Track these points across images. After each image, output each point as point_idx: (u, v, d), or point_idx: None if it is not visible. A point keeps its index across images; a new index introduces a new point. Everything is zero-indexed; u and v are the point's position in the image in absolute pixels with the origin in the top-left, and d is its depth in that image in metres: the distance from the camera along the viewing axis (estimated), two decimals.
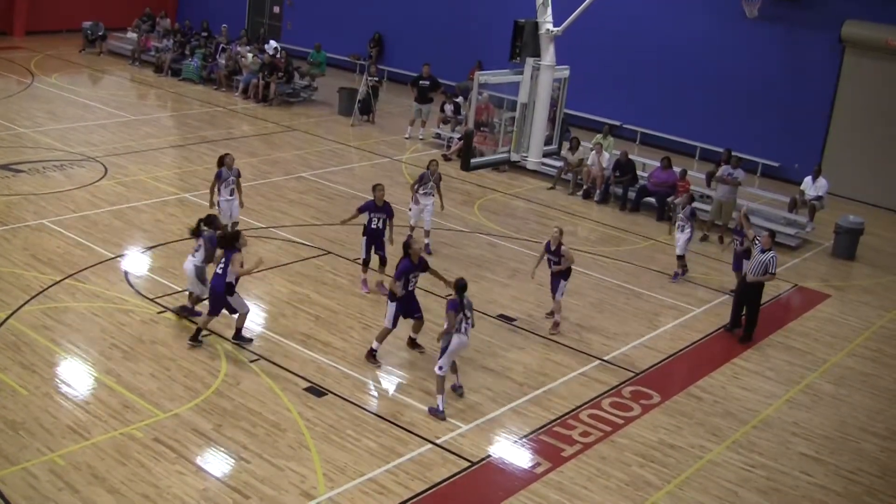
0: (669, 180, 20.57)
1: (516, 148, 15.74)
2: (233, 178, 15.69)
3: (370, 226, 14.86)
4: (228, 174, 15.61)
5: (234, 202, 15.83)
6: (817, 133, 24.24)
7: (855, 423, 12.65)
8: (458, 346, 11.61)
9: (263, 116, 26.28)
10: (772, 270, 14.35)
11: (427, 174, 16.81)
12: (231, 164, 15.68)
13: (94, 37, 32.42)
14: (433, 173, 16.82)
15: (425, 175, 16.81)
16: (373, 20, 32.64)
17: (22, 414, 10.64)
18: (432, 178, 16.81)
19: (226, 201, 15.64)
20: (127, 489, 9.55)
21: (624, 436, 11.65)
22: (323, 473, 10.19)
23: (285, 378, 12.09)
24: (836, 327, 15.87)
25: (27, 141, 21.43)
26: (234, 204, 15.83)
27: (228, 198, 15.66)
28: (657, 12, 26.35)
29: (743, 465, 11.32)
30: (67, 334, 12.67)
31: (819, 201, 20.54)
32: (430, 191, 16.82)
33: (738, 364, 14.04)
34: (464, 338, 11.65)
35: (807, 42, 24.10)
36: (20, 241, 15.53)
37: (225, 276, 12.33)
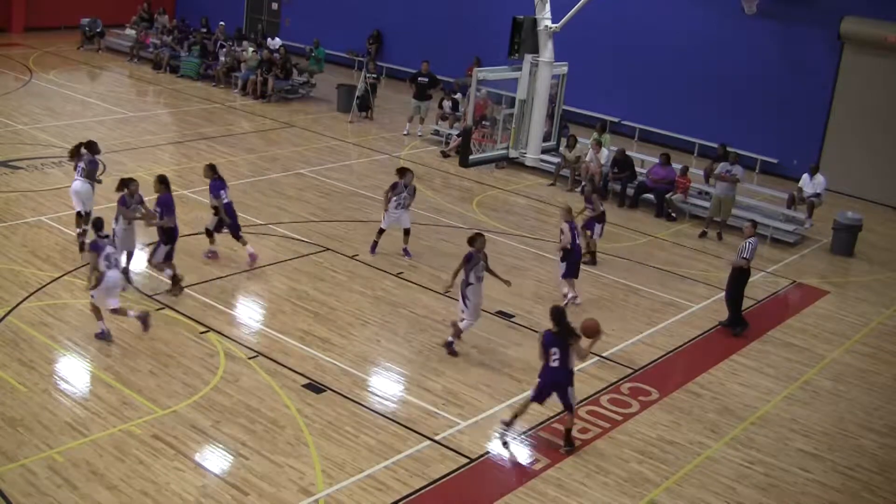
0: (668, 177, 20.58)
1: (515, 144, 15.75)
2: (135, 204, 14.09)
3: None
4: (131, 201, 14.04)
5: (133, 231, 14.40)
6: (816, 129, 24.24)
7: (853, 420, 12.66)
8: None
9: (262, 113, 26.26)
10: (744, 255, 14.50)
11: (401, 184, 16.14)
12: (135, 190, 14.06)
13: (92, 33, 32.38)
14: (407, 185, 16.20)
15: (399, 185, 16.15)
16: (372, 17, 32.62)
17: (21, 410, 10.64)
18: (406, 189, 16.19)
19: (123, 230, 14.01)
20: (126, 486, 9.55)
21: (622, 432, 11.66)
22: (322, 470, 10.19)
23: (284, 375, 12.09)
24: (835, 324, 15.88)
25: (25, 138, 21.42)
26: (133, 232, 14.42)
27: (126, 227, 14.06)
28: (656, 8, 26.33)
29: (741, 461, 11.33)
30: (66, 331, 12.66)
31: (817, 198, 20.55)
32: (402, 201, 16.17)
33: (737, 360, 14.05)
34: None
35: (805, 38, 24.09)
36: (18, 238, 15.52)
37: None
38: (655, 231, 19.53)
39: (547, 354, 10.80)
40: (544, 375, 10.89)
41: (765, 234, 19.22)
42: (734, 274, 14.84)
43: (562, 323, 10.79)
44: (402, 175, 16.34)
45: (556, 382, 10.86)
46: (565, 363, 10.77)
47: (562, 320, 10.79)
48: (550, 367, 10.79)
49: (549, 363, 10.81)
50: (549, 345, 10.79)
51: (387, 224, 16.35)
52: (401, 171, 16.48)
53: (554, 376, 10.82)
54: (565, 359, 10.76)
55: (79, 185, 15.13)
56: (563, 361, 10.76)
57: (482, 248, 12.88)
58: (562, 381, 10.86)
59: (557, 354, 10.73)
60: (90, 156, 15.39)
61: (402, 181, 16.23)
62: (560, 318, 10.79)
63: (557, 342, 10.75)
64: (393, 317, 14.17)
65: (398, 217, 16.28)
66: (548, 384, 10.89)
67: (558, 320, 10.78)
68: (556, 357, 10.73)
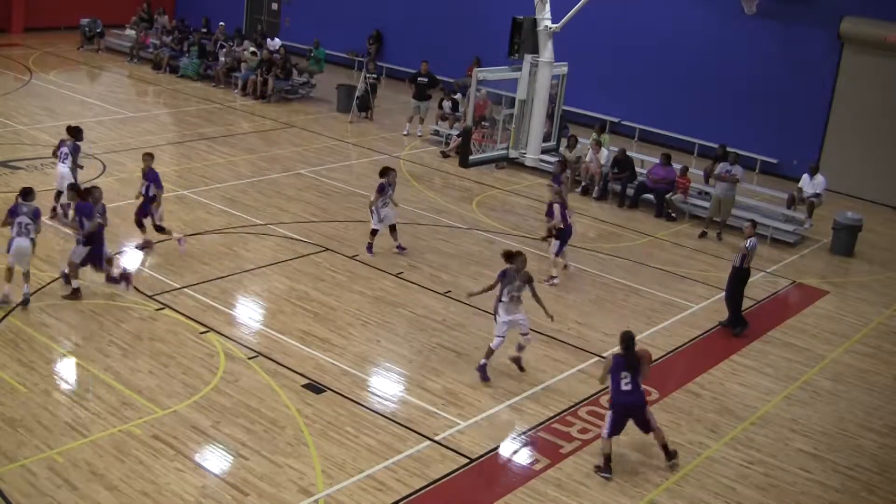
0: (668, 177, 20.58)
1: (515, 144, 15.75)
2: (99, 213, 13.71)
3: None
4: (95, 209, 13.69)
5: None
6: (816, 129, 24.24)
7: (853, 420, 12.66)
8: None
9: (262, 113, 26.26)
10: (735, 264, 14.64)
11: (386, 184, 16.14)
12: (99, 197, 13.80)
13: (91, 34, 32.37)
14: (391, 183, 16.24)
15: (384, 185, 16.14)
16: (372, 17, 32.62)
17: (20, 411, 10.63)
18: (391, 188, 16.25)
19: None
20: (126, 486, 9.55)
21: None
22: (322, 470, 10.19)
23: (284, 375, 12.09)
24: (835, 324, 15.88)
25: (25, 138, 21.42)
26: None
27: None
28: (656, 9, 26.33)
29: (741, 461, 11.33)
30: (66, 332, 12.66)
31: (817, 198, 20.55)
32: (388, 200, 16.27)
33: (737, 360, 14.05)
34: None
35: (805, 38, 24.09)
36: None
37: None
38: (655, 231, 19.54)
39: (617, 379, 10.64)
40: (617, 401, 10.69)
41: (765, 235, 19.22)
42: (733, 274, 14.85)
43: (631, 347, 10.73)
44: (385, 175, 16.32)
45: (634, 405, 10.73)
46: (637, 384, 10.70)
47: (631, 344, 10.72)
48: (623, 391, 10.63)
49: (620, 387, 10.64)
50: (618, 369, 10.66)
51: (378, 224, 16.34)
52: (384, 171, 16.43)
53: (629, 399, 10.68)
54: (636, 381, 10.69)
55: (63, 169, 16.05)
56: (636, 383, 10.68)
57: (522, 268, 12.41)
58: (639, 402, 10.77)
59: (629, 378, 10.62)
60: (73, 141, 16.38)
61: (387, 181, 16.22)
62: (630, 342, 10.73)
63: (628, 366, 10.65)
64: (393, 317, 14.17)
65: (386, 215, 16.31)
66: (623, 409, 10.70)
67: (628, 344, 10.72)
68: (627, 381, 10.62)
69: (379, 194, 16.14)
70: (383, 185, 16.15)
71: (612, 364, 10.75)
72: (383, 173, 16.33)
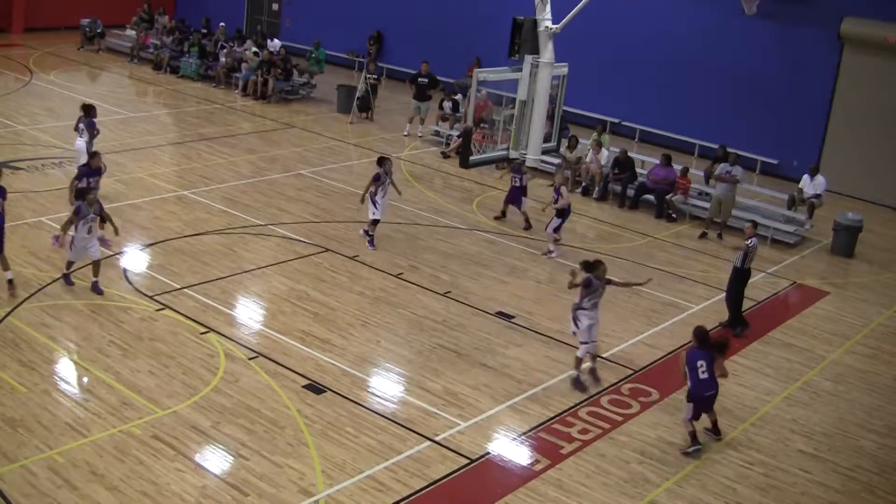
0: (669, 177, 20.58)
1: (515, 145, 15.77)
2: (92, 214, 13.73)
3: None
4: (88, 211, 13.65)
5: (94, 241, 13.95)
6: (816, 130, 24.25)
7: (853, 420, 12.66)
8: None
9: (262, 113, 26.27)
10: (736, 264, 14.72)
11: (382, 173, 16.45)
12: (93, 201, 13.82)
13: (92, 34, 32.38)
14: (388, 172, 16.56)
15: (380, 175, 16.43)
16: (372, 17, 32.63)
17: (21, 411, 10.63)
18: (388, 177, 16.58)
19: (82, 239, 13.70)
20: (126, 486, 9.55)
21: (623, 433, 11.66)
22: (322, 471, 10.19)
23: (284, 375, 12.09)
24: (835, 324, 15.88)
25: (26, 138, 21.42)
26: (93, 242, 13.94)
27: (86, 235, 13.69)
28: (656, 9, 26.34)
29: (741, 462, 11.33)
30: (66, 332, 12.66)
31: (817, 199, 20.55)
32: (386, 190, 16.61)
33: (737, 361, 14.04)
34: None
35: (805, 39, 24.09)
36: (18, 239, 15.51)
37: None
38: (656, 232, 19.54)
39: (695, 369, 11.23)
40: (696, 390, 11.28)
41: (765, 235, 19.22)
42: (734, 274, 14.86)
43: (707, 341, 11.40)
44: (381, 164, 16.56)
45: (711, 393, 11.37)
46: (713, 373, 11.30)
47: (707, 339, 11.41)
48: (700, 379, 11.25)
49: (698, 377, 11.23)
50: (695, 359, 11.26)
51: (380, 214, 16.58)
52: (381, 160, 16.69)
53: (707, 388, 11.29)
54: (712, 370, 11.30)
55: (80, 143, 17.61)
56: (711, 372, 11.28)
57: (603, 277, 12.69)
58: (715, 390, 11.40)
59: (705, 366, 11.24)
60: (87, 118, 17.73)
61: (383, 170, 16.45)
62: (705, 337, 11.42)
63: (704, 356, 11.28)
64: (393, 317, 14.17)
65: (386, 205, 16.62)
66: (701, 396, 11.31)
67: (703, 339, 11.38)
68: (703, 369, 11.24)
69: (374, 182, 16.32)
70: (378, 175, 16.35)
71: (687, 357, 11.38)
72: (379, 163, 16.60)
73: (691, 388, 11.32)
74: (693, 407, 11.33)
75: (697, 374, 11.22)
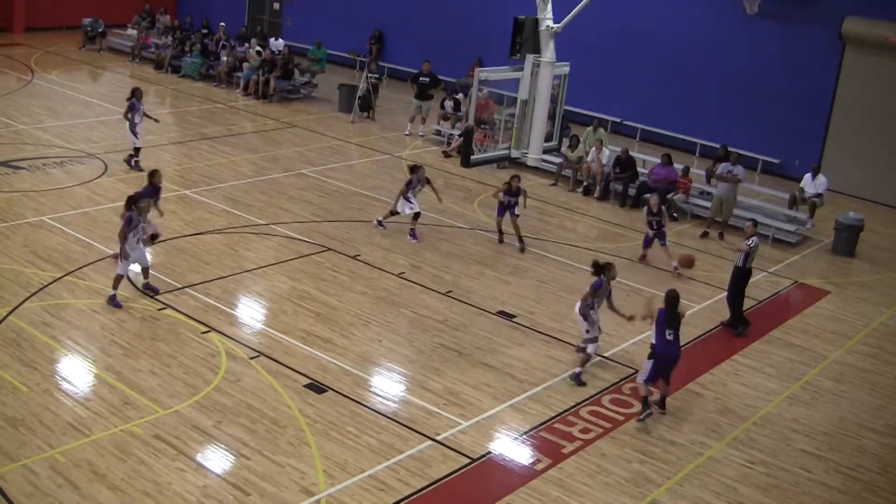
0: (670, 177, 20.57)
1: (516, 145, 15.74)
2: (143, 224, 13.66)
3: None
4: (139, 220, 13.54)
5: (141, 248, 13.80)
6: (817, 130, 24.23)
7: (855, 420, 12.66)
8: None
9: (263, 113, 26.27)
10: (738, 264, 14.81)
11: (415, 180, 17.25)
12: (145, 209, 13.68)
13: (93, 33, 32.39)
14: (420, 180, 17.28)
15: (413, 181, 17.25)
16: (373, 17, 32.62)
17: (22, 411, 10.64)
18: (420, 184, 17.30)
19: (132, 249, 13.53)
20: (127, 486, 9.55)
21: (624, 432, 11.66)
22: (323, 470, 10.19)
23: (285, 375, 12.10)
24: (836, 324, 15.88)
25: (27, 138, 21.43)
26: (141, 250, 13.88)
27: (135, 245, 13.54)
28: (657, 9, 26.33)
29: (743, 461, 11.33)
30: (67, 331, 12.67)
31: (819, 198, 20.53)
32: (416, 193, 17.34)
33: (739, 361, 14.04)
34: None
35: (807, 38, 24.08)
36: (20, 238, 15.53)
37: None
38: None
39: (662, 331, 11.70)
40: (661, 348, 11.74)
41: (766, 235, 19.21)
42: (735, 273, 14.86)
43: (675, 305, 11.81)
44: (414, 171, 17.34)
45: (674, 356, 11.86)
46: (678, 338, 11.83)
47: (675, 303, 11.82)
48: (667, 340, 11.74)
49: (664, 338, 11.72)
50: (662, 322, 11.71)
51: (400, 209, 17.25)
52: (413, 168, 17.41)
53: (671, 349, 11.78)
54: (677, 333, 11.80)
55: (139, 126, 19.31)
56: (677, 336, 11.79)
57: (614, 278, 13.13)
58: (677, 354, 11.89)
59: (673, 333, 11.75)
60: (134, 101, 19.35)
61: (416, 177, 17.24)
62: (675, 301, 11.84)
63: (673, 321, 11.73)
64: (395, 317, 14.17)
65: (414, 205, 17.24)
66: (664, 353, 11.76)
67: (673, 303, 11.79)
68: (671, 335, 11.74)
69: (406, 188, 17.22)
70: (410, 181, 17.23)
71: (658, 318, 11.74)
72: (412, 170, 17.42)
73: (656, 346, 11.74)
74: (653, 365, 11.70)
75: (664, 335, 11.66)
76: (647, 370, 11.78)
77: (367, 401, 11.76)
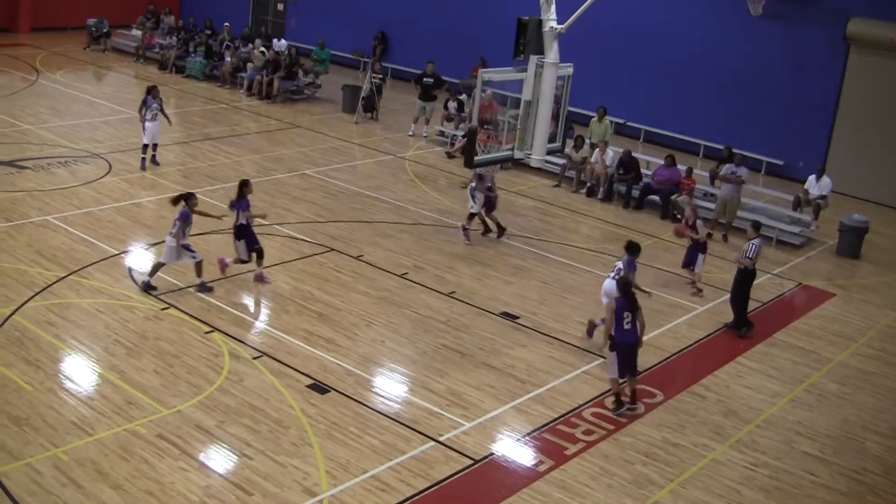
0: (673, 178, 20.55)
1: (520, 146, 15.75)
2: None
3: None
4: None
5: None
6: (822, 131, 24.20)
7: (859, 423, 12.63)
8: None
9: (267, 113, 26.29)
10: (749, 255, 14.62)
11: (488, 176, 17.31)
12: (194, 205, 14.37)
13: (98, 34, 32.47)
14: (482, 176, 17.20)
15: (486, 176, 17.25)
16: (377, 18, 32.65)
17: (26, 409, 10.65)
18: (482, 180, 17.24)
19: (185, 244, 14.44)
20: (130, 485, 9.56)
21: (627, 434, 11.64)
22: (326, 470, 10.19)
23: (288, 375, 12.10)
24: (841, 326, 15.85)
25: (32, 137, 21.46)
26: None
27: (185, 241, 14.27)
28: (661, 9, 26.32)
29: (746, 464, 11.31)
30: (71, 330, 12.68)
31: (823, 200, 20.50)
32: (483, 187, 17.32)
33: (742, 363, 14.02)
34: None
35: (811, 39, 24.05)
36: (24, 238, 15.55)
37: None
38: (660, 233, 19.50)
39: (621, 319, 11.77)
40: (620, 337, 11.79)
41: (770, 236, 19.20)
42: (739, 275, 14.84)
43: (630, 292, 11.94)
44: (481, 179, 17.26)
45: (632, 345, 11.90)
46: (635, 325, 11.88)
47: (629, 290, 11.94)
48: (625, 329, 11.80)
49: (622, 327, 11.79)
50: (622, 309, 11.78)
51: (478, 208, 17.40)
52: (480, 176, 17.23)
53: (629, 337, 11.84)
54: (636, 322, 11.87)
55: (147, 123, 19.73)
56: (634, 324, 11.86)
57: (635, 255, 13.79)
58: (636, 342, 11.94)
59: (630, 318, 11.82)
60: (147, 98, 19.68)
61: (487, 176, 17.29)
62: (628, 288, 11.96)
63: (630, 307, 11.82)
64: (397, 317, 14.17)
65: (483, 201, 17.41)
66: (625, 343, 11.82)
67: (627, 289, 11.94)
68: (628, 320, 11.81)
69: (479, 181, 17.23)
70: (481, 175, 17.19)
71: (615, 306, 11.82)
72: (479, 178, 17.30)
73: (616, 336, 11.80)
74: (617, 357, 11.81)
75: (622, 324, 11.75)
76: (613, 364, 11.90)
77: (370, 401, 11.76)
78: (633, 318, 11.81)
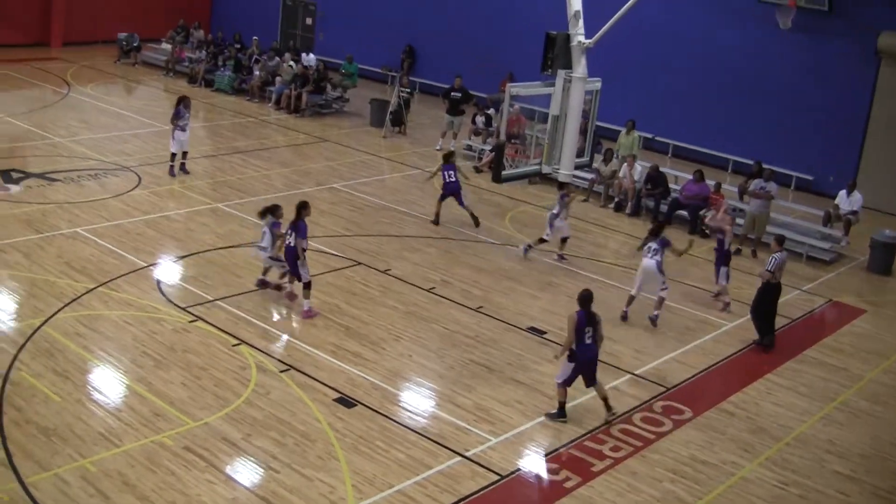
0: (702, 193, 20.42)
1: (548, 160, 15.72)
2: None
3: None
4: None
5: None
6: (852, 146, 23.98)
7: (891, 441, 12.44)
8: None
9: (295, 127, 26.42)
10: (769, 268, 14.59)
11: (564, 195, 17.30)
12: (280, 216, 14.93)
13: (128, 48, 32.83)
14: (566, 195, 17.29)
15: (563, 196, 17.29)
16: (405, 32, 32.77)
17: (54, 420, 10.72)
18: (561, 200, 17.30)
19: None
20: (157, 497, 9.58)
21: (655, 451, 11.53)
22: (352, 484, 10.17)
23: (315, 388, 12.10)
24: (872, 343, 15.65)
25: (62, 150, 21.69)
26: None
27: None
28: (689, 24, 26.24)
29: (776, 482, 11.16)
30: (100, 342, 12.77)
31: (854, 215, 20.30)
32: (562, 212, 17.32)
33: (772, 380, 13.87)
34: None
35: (842, 53, 23.87)
36: (54, 249, 15.69)
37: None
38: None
39: (582, 333, 11.63)
40: (581, 352, 11.68)
41: (800, 252, 19.03)
42: (761, 288, 14.73)
43: (590, 306, 11.83)
44: (561, 186, 17.20)
45: (593, 359, 11.87)
46: (596, 339, 11.86)
47: (588, 302, 11.83)
48: (586, 344, 11.71)
49: (584, 341, 11.67)
50: (583, 324, 11.66)
51: (550, 236, 17.41)
52: (562, 185, 17.11)
53: (589, 352, 11.77)
54: (595, 336, 11.83)
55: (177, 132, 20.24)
56: (595, 338, 11.83)
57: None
58: (596, 356, 11.93)
59: (591, 332, 11.74)
60: (180, 108, 20.21)
61: (565, 192, 17.30)
62: (588, 301, 11.84)
63: (591, 321, 11.73)
64: (425, 332, 14.15)
65: (559, 227, 17.39)
66: (585, 359, 11.75)
67: (586, 302, 11.80)
68: (590, 335, 11.73)
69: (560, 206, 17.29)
70: (563, 195, 17.28)
71: (577, 320, 11.64)
72: (560, 187, 17.25)
73: (576, 351, 11.69)
74: (573, 369, 11.72)
75: (584, 338, 11.65)
76: (565, 373, 11.78)
77: (397, 416, 11.74)
78: (593, 332, 11.73)
